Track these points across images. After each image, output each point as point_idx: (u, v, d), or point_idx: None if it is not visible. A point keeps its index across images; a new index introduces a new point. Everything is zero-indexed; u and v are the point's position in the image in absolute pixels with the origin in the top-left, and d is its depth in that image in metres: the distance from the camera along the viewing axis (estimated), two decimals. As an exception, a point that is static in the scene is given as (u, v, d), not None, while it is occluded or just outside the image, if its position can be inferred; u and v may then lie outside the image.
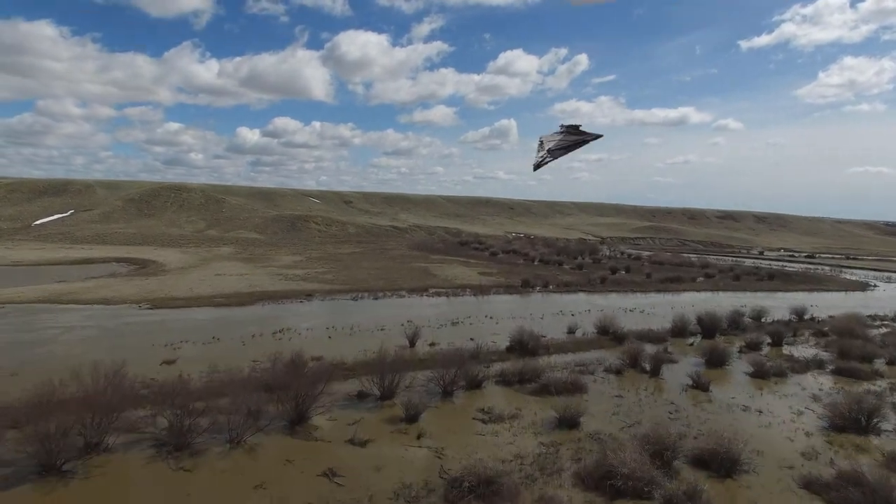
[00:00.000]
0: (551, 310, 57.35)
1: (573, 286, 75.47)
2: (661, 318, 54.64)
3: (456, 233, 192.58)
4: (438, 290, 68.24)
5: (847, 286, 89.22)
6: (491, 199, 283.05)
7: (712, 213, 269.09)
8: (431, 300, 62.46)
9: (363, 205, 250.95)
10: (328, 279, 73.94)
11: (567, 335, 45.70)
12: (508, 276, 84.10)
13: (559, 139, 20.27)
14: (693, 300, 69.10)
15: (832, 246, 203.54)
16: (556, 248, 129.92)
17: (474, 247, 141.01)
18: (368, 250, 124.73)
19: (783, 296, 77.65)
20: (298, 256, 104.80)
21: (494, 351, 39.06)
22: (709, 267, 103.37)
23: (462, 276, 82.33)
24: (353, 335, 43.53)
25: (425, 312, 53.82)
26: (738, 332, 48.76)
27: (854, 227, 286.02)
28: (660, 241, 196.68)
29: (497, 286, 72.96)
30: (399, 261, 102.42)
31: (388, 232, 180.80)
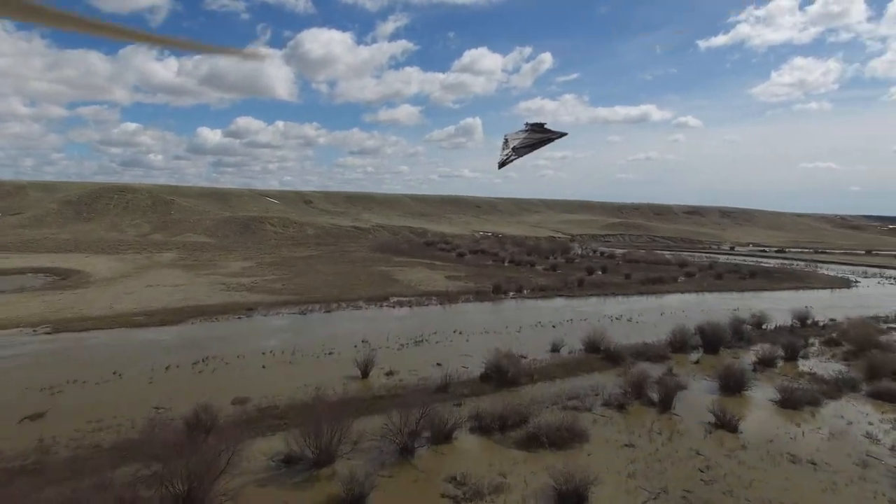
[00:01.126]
0: (529, 320, 50.48)
1: (549, 290, 68.93)
2: (653, 327, 48.37)
3: (421, 232, 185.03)
4: (400, 298, 60.69)
5: (831, 283, 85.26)
6: (457, 198, 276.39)
7: (679, 208, 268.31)
8: (392, 312, 54.87)
9: (324, 205, 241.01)
10: (276, 289, 65.57)
11: (551, 354, 38.79)
12: (478, 280, 77.09)
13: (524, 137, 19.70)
14: (681, 303, 63.34)
15: (798, 239, 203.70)
16: (527, 248, 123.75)
17: (440, 247, 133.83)
18: (327, 253, 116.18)
19: (770, 296, 72.83)
20: (249, 262, 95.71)
21: (467, 381, 31.85)
22: (687, 265, 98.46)
23: (427, 281, 74.95)
24: (295, 362, 35.70)
25: (384, 328, 46.26)
26: (743, 343, 42.72)
27: (812, 221, 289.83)
28: (630, 237, 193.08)
29: (466, 292, 65.84)
30: (359, 264, 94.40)
31: (349, 233, 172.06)
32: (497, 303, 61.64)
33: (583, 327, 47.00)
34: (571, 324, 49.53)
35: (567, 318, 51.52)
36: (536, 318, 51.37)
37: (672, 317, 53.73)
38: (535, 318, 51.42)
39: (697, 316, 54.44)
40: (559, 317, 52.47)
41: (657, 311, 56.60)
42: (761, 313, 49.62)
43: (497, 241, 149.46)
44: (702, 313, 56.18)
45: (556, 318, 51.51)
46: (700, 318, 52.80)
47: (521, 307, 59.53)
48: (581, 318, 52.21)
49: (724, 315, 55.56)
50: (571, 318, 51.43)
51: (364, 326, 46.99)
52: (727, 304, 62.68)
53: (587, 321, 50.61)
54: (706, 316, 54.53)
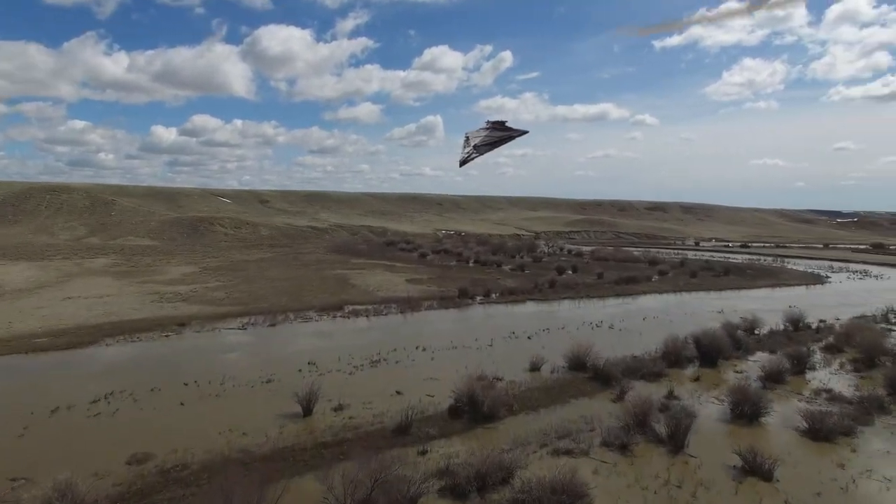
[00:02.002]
0: (501, 330, 45.03)
1: (520, 293, 63.76)
2: (638, 335, 43.61)
3: (381, 232, 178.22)
4: (357, 306, 54.42)
5: (804, 280, 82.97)
6: (419, 196, 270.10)
7: (640, 204, 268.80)
8: (347, 323, 48.61)
9: (281, 204, 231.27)
10: (217, 298, 58.39)
11: (530, 374, 33.39)
12: (442, 283, 71.42)
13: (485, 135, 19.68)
14: (660, 306, 59.08)
15: (758, 234, 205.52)
16: (492, 247, 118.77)
17: (401, 247, 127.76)
18: (280, 255, 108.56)
19: (749, 294, 69.60)
20: (193, 267, 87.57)
21: (433, 416, 26.10)
22: (658, 263, 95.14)
23: (387, 286, 68.83)
24: (223, 395, 29.25)
25: (336, 344, 40.06)
26: (741, 352, 38.24)
27: (768, 216, 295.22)
28: (594, 234, 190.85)
29: (429, 298, 60.05)
30: (314, 268, 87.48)
31: (305, 233, 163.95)
32: (464, 309, 56.04)
33: (562, 338, 41.89)
34: (548, 334, 44.31)
35: (543, 327, 46.28)
36: (509, 328, 45.96)
37: (656, 322, 49.23)
38: (507, 328, 46.01)
39: (682, 320, 50.16)
40: (534, 325, 47.21)
41: (638, 316, 52.02)
42: (752, 317, 45.42)
43: (461, 239, 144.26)
44: (685, 317, 51.96)
45: (530, 327, 46.22)
46: (685, 322, 48.59)
47: (491, 314, 54.10)
48: (558, 325, 47.10)
49: (708, 318, 51.55)
50: (548, 327, 46.20)
51: (313, 343, 40.66)
52: (709, 306, 58.77)
53: (565, 330, 45.57)
54: (690, 319, 50.38)
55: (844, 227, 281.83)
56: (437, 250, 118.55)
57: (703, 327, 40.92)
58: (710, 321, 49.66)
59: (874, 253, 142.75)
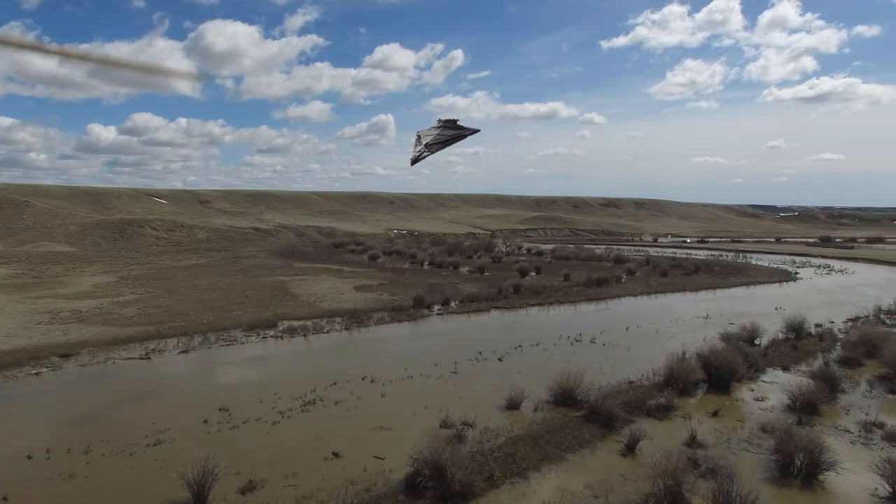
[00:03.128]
0: (465, 350, 37.68)
1: (482, 301, 56.63)
2: (626, 351, 37.16)
3: (330, 232, 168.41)
4: (294, 322, 46.02)
5: (775, 276, 79.33)
6: (369, 194, 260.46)
7: (595, 200, 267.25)
8: (280, 346, 40.21)
9: (222, 204, 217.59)
10: (126, 316, 48.79)
11: (509, 413, 26.18)
12: (394, 290, 63.63)
13: (437, 134, 19.26)
14: (641, 311, 53.10)
15: (710, 229, 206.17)
16: (448, 247, 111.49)
17: (351, 249, 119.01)
18: (216, 261, 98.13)
19: (726, 294, 64.84)
20: (110, 276, 76.62)
21: (383, 496, 18.47)
22: (624, 261, 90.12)
23: (332, 295, 60.50)
24: (77, 475, 20.69)
25: (262, 377, 31.82)
26: (754, 372, 32.16)
27: (717, 210, 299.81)
28: (551, 231, 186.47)
29: (380, 309, 52.18)
30: (251, 274, 78.02)
31: (247, 235, 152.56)
32: (420, 322, 48.44)
33: (539, 358, 35.00)
34: (522, 353, 37.26)
35: (514, 344, 39.17)
36: (474, 345, 38.67)
37: (642, 333, 42.97)
38: (472, 345, 38.71)
39: (669, 329, 44.18)
40: (503, 341, 40.08)
41: (619, 325, 45.66)
42: (752, 325, 39.63)
43: (414, 239, 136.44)
44: (672, 324, 46.01)
45: (499, 344, 39.05)
46: (673, 332, 42.62)
47: (452, 327, 46.71)
48: (531, 340, 40.11)
49: (696, 324, 45.88)
50: (520, 344, 39.10)
51: (232, 376, 32.26)
52: (692, 309, 53.20)
53: (540, 347, 38.67)
54: (678, 328, 44.49)
55: (787, 220, 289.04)
56: (388, 252, 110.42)
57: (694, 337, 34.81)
58: (700, 328, 43.94)
59: (825, 246, 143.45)
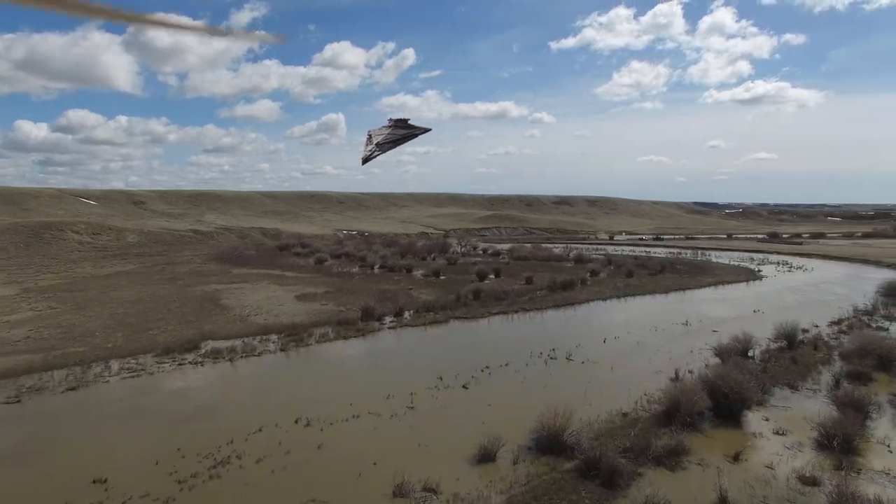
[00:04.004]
0: (422, 374, 31.79)
1: (439, 310, 50.83)
2: (610, 371, 32.12)
3: (275, 234, 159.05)
4: (221, 343, 39.04)
5: (740, 275, 76.82)
6: (317, 194, 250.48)
7: (547, 198, 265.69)
8: (198, 375, 33.25)
9: (159, 205, 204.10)
10: (10, 340, 40.59)
11: (482, 468, 20.47)
12: (341, 299, 57.11)
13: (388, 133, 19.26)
14: (615, 318, 48.47)
15: (662, 226, 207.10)
16: (400, 248, 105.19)
17: (296, 251, 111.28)
18: (145, 267, 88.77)
19: (697, 296, 61.29)
20: (12, 288, 66.96)
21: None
22: (585, 261, 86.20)
23: (270, 306, 53.48)
24: None
25: (161, 425, 24.98)
26: (764, 394, 27.48)
27: (668, 208, 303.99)
28: (506, 230, 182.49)
29: (324, 322, 45.67)
30: (182, 283, 69.73)
31: (185, 238, 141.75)
32: (369, 338, 42.19)
33: (511, 384, 29.55)
34: (490, 376, 31.65)
35: (479, 364, 33.51)
36: (433, 367, 32.82)
37: (622, 346, 38.12)
38: (430, 367, 32.84)
39: (651, 340, 39.51)
40: (466, 360, 34.39)
41: (595, 336, 40.70)
42: (744, 336, 35.28)
43: (364, 241, 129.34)
44: (652, 334, 41.37)
45: (462, 364, 33.34)
46: (655, 343, 37.93)
47: (406, 344, 40.69)
48: (498, 359, 34.56)
49: (679, 333, 41.44)
50: (487, 365, 33.45)
51: (117, 430, 25.25)
52: (666, 314, 48.97)
53: (510, 367, 33.20)
54: (660, 338, 39.89)
55: (733, 217, 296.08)
56: (337, 254, 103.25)
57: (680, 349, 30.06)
58: (683, 338, 39.49)
59: (775, 242, 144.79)
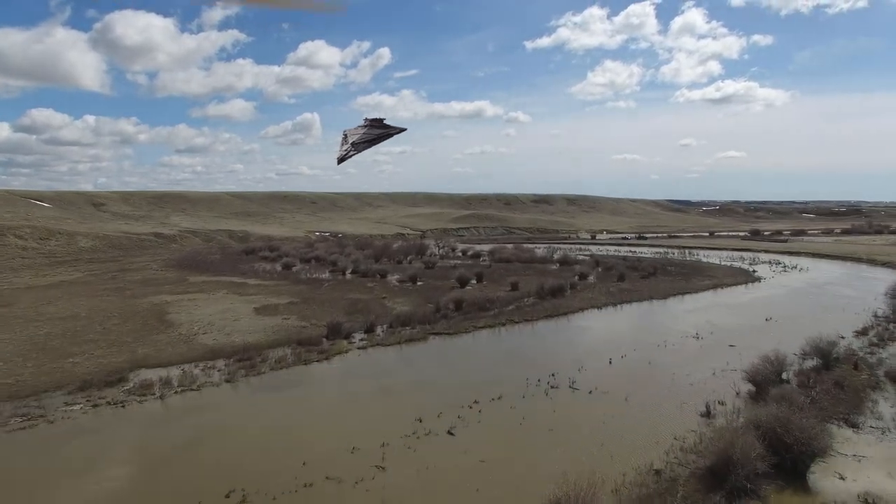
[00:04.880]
0: (396, 413, 25.73)
1: (416, 324, 44.77)
2: (625, 402, 26.42)
3: (243, 236, 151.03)
4: (155, 372, 32.43)
5: (736, 276, 72.30)
6: (290, 194, 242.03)
7: (526, 197, 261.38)
8: (115, 420, 26.61)
9: (121, 207, 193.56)
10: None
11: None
12: (306, 311, 50.71)
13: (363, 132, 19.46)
14: (617, 330, 43.03)
15: (644, 224, 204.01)
16: (375, 251, 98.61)
17: (263, 256, 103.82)
18: (93, 276, 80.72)
19: (696, 301, 56.32)
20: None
21: None
22: (570, 263, 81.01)
23: (223, 321, 46.78)
24: None
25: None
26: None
27: (646, 206, 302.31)
28: (485, 230, 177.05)
29: (283, 342, 39.28)
30: (129, 293, 62.30)
31: (145, 242, 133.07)
32: (334, 361, 35.92)
33: (510, 428, 23.71)
34: (481, 416, 25.69)
35: (467, 399, 27.49)
36: (409, 406, 26.76)
37: (631, 368, 32.53)
38: (406, 406, 26.78)
39: (662, 359, 34.04)
40: (450, 391, 28.43)
41: (598, 354, 35.04)
42: (776, 355, 29.93)
43: (336, 243, 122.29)
44: (661, 351, 35.87)
45: (446, 399, 27.36)
46: (668, 363, 32.40)
47: (376, 370, 34.47)
48: (490, 390, 28.61)
49: (693, 350, 35.95)
50: (476, 400, 27.46)
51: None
52: (672, 324, 43.73)
53: (504, 401, 27.34)
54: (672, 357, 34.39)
55: (710, 214, 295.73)
56: (307, 258, 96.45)
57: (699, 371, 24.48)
58: (699, 356, 34.07)
59: (759, 239, 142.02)
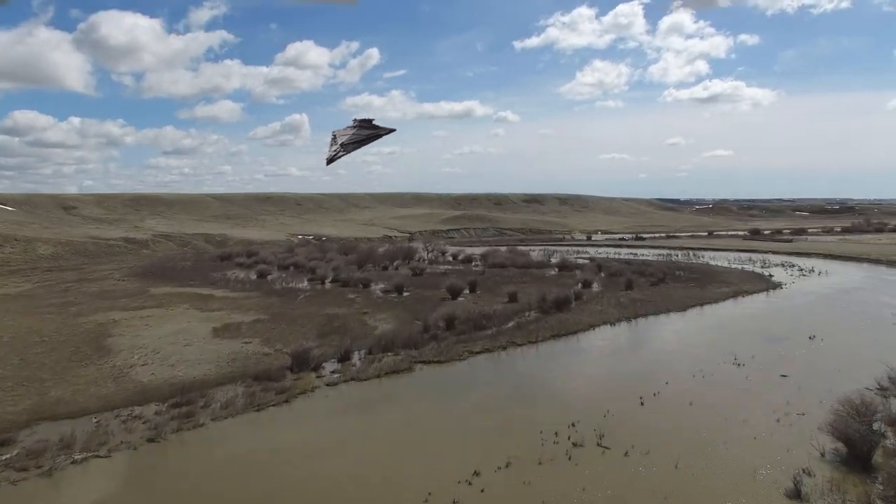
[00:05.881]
0: (367, 499, 18.63)
1: (400, 348, 37.74)
2: (675, 471, 19.53)
3: (221, 241, 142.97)
4: (59, 426, 25.25)
5: (754, 282, 65.93)
6: (273, 195, 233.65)
7: (517, 197, 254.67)
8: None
9: (94, 210, 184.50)
10: None
11: None
12: (272, 332, 43.54)
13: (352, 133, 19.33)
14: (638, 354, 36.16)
15: (641, 224, 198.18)
16: (359, 256, 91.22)
17: (239, 262, 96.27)
18: (43, 287, 72.74)
19: (720, 313, 49.90)
20: None
21: None
22: (571, 268, 74.33)
23: (172, 347, 39.44)
24: None
25: None
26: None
27: (639, 205, 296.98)
28: (476, 231, 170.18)
29: (237, 376, 32.13)
30: (74, 310, 54.61)
31: (114, 248, 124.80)
32: (296, 404, 28.75)
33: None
34: (484, 497, 18.70)
35: (462, 471, 20.52)
36: (386, 484, 19.74)
37: (669, 411, 25.73)
38: (380, 485, 19.74)
39: (704, 394, 27.13)
40: (440, 453, 21.43)
41: (624, 391, 28.21)
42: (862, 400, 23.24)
43: (318, 247, 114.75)
44: (701, 383, 29.02)
45: (434, 469, 20.36)
46: (714, 403, 25.54)
47: (347, 420, 27.35)
48: (494, 451, 21.67)
49: (739, 385, 29.15)
50: (476, 470, 20.46)
51: None
52: (701, 345, 36.98)
53: (512, 469, 20.34)
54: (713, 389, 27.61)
55: (704, 213, 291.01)
56: (285, 265, 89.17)
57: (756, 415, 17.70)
58: (748, 387, 27.23)
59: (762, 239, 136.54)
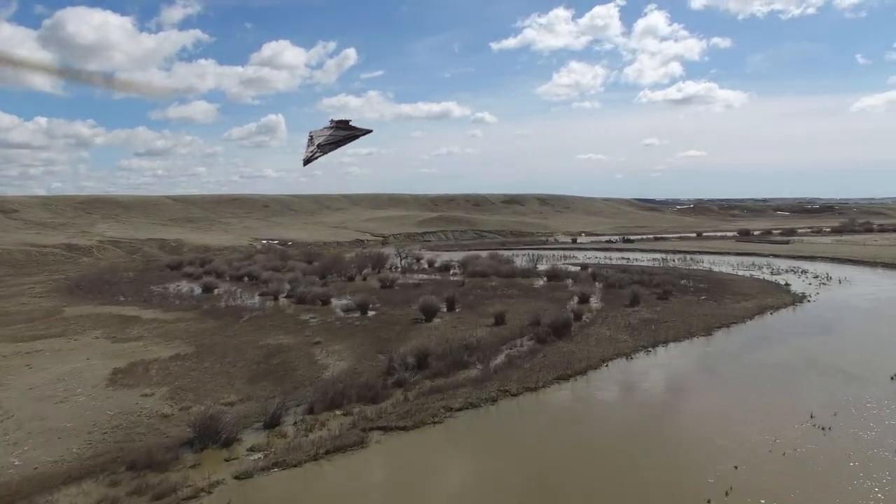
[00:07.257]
0: None
1: (353, 403, 27.79)
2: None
3: (176, 247, 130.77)
4: None
5: (775, 294, 57.43)
6: (240, 197, 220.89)
7: (496, 197, 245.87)
8: None
9: (38, 214, 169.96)
10: None
11: None
12: (188, 375, 33.21)
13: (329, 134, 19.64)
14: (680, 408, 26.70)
15: (624, 225, 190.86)
16: (322, 265, 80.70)
17: (188, 272, 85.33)
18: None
19: (751, 335, 41.04)
20: None
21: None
22: (561, 277, 65.23)
23: (40, 404, 28.88)
24: None
25: None
26: None
27: (620, 205, 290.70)
28: (453, 234, 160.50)
29: (104, 465, 21.82)
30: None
31: (49, 257, 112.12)
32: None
33: None
34: None
35: None
36: None
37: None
38: None
39: (808, 494, 17.53)
40: None
41: (676, 490, 18.71)
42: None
43: (278, 253, 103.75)
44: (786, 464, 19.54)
45: None
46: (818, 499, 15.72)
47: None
48: None
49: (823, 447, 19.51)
50: None
51: None
52: (750, 388, 27.66)
53: None
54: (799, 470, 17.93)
55: (686, 213, 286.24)
56: (238, 275, 78.64)
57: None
58: (858, 476, 17.68)
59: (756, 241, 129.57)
